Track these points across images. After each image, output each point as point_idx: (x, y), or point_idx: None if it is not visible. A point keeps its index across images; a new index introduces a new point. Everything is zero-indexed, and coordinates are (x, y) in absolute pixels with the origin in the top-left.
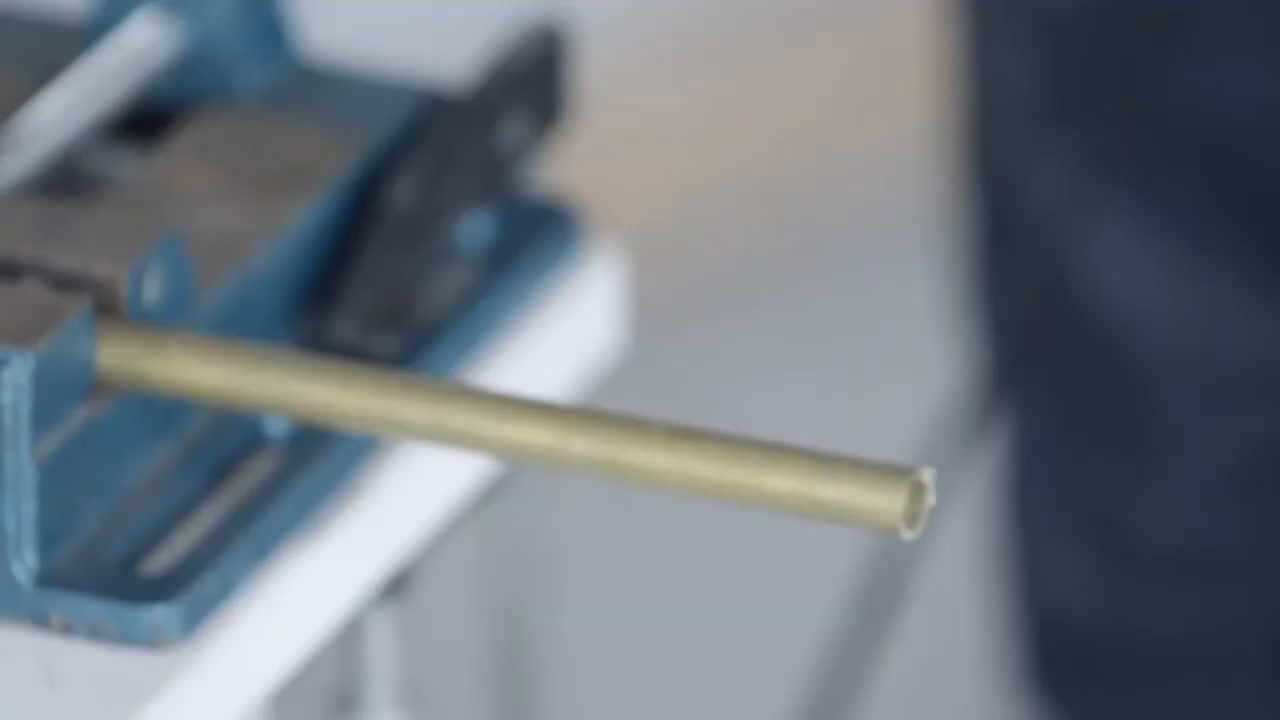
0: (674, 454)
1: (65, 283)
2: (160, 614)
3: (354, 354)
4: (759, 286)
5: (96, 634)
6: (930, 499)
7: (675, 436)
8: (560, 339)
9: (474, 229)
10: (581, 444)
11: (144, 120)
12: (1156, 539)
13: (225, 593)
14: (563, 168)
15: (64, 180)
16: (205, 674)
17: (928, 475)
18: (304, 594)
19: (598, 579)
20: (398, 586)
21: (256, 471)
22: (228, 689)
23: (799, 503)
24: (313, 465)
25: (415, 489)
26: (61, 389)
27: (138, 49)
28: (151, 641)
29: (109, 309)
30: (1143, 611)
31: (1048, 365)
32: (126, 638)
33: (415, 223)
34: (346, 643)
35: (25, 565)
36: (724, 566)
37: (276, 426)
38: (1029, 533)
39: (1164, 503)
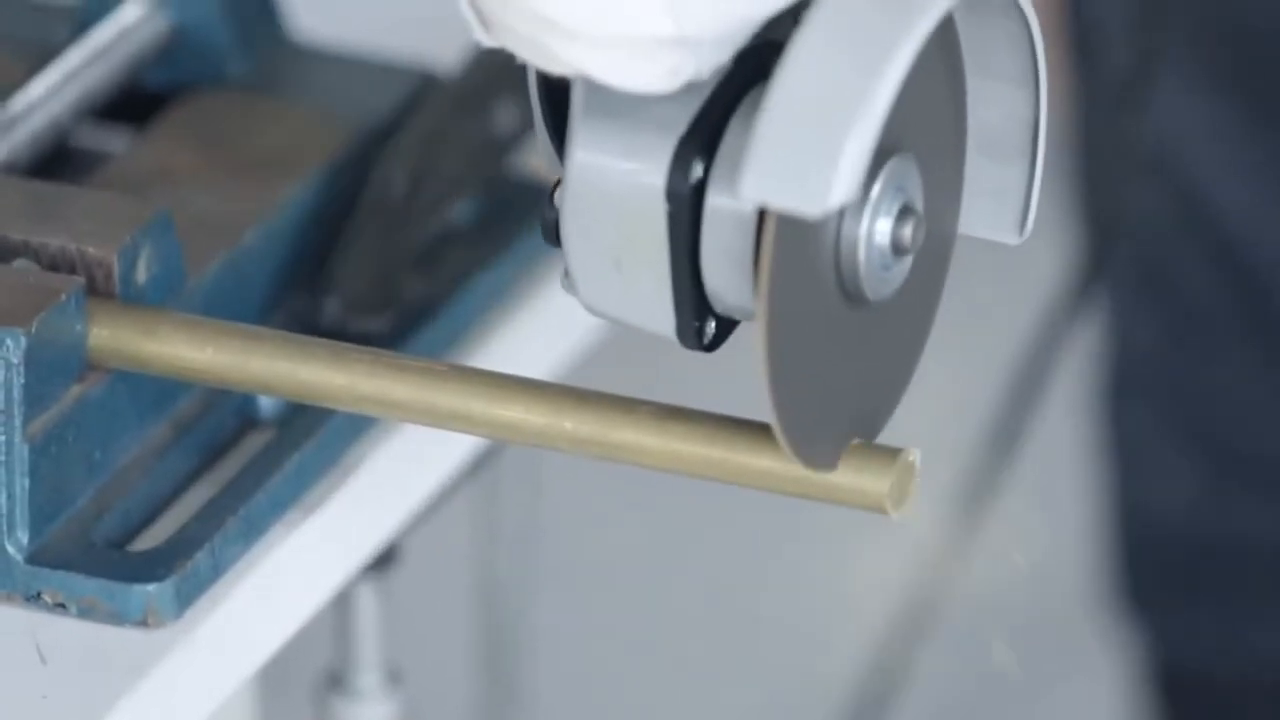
0: (663, 434)
1: (57, 263)
2: (152, 592)
3: (344, 335)
4: None
5: (88, 612)
6: (917, 478)
7: (664, 416)
8: (548, 319)
9: (464, 211)
10: (571, 424)
11: (135, 103)
12: (1265, 447)
13: (216, 571)
14: None
15: (56, 162)
16: (196, 652)
17: (914, 456)
18: (294, 572)
19: (581, 556)
20: (384, 561)
21: (247, 450)
22: (218, 666)
23: (786, 482)
24: (303, 444)
25: (405, 468)
26: (53, 369)
27: (128, 32)
28: (143, 619)
29: (100, 289)
30: (1244, 521)
31: (1158, 275)
32: (118, 616)
33: (406, 206)
34: (334, 617)
35: (17, 543)
36: (717, 542)
37: (267, 406)
38: (1129, 441)
39: (1275, 411)
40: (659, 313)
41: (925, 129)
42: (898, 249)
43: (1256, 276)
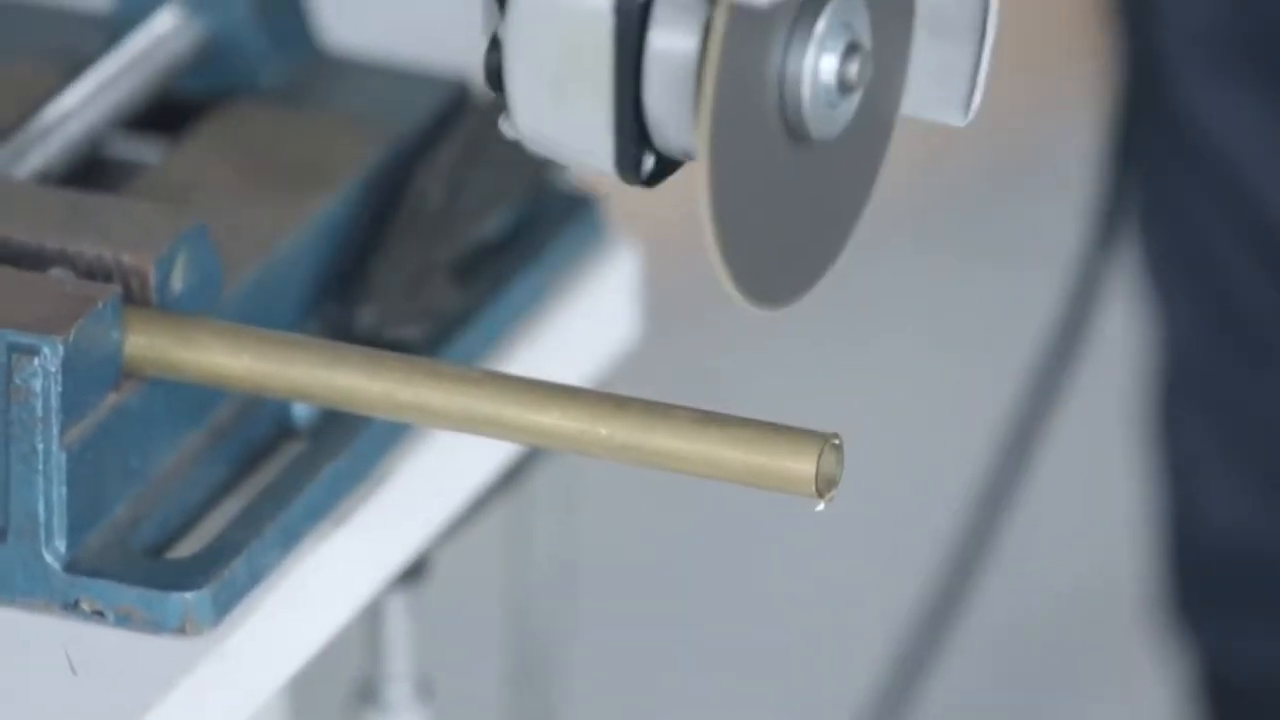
0: (701, 439)
1: (93, 272)
2: (190, 600)
3: (379, 344)
4: None
5: (125, 620)
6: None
7: (702, 422)
8: (581, 326)
9: (501, 221)
10: (607, 429)
11: (170, 113)
12: None
13: (253, 580)
14: None
15: (90, 172)
16: (228, 661)
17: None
18: (329, 581)
19: (613, 568)
20: (415, 572)
21: (283, 459)
22: (250, 675)
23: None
24: (339, 452)
25: (437, 479)
26: (90, 377)
27: (162, 41)
28: (181, 627)
29: (137, 298)
30: None
31: (1214, 288)
32: (155, 624)
33: (443, 218)
34: (364, 628)
35: (55, 551)
36: (752, 555)
37: (301, 415)
38: (1180, 451)
39: None
40: (598, 141)
41: None
42: (843, 85)
43: None
